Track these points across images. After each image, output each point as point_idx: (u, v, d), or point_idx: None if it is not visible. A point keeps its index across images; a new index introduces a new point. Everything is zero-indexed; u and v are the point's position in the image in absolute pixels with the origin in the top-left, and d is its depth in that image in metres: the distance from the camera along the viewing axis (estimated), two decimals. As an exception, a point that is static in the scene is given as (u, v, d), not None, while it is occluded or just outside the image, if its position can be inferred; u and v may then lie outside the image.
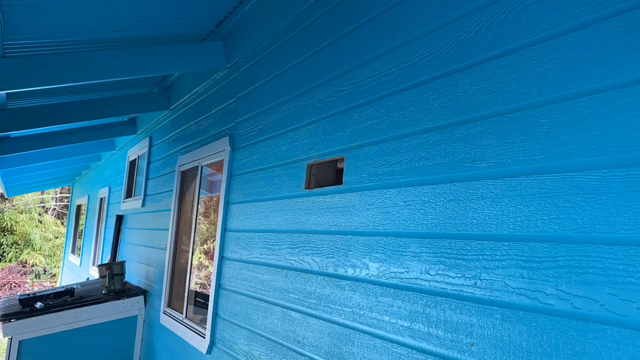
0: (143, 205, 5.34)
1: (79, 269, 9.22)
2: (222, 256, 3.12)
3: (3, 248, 17.03)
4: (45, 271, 16.95)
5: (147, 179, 5.40)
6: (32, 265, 16.94)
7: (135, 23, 3.09)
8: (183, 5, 3.02)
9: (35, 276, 16.57)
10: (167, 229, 4.37)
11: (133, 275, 5.36)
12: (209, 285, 3.37)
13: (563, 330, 1.15)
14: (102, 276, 4.76)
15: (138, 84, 4.79)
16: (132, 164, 6.24)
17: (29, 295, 4.67)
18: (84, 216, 10.07)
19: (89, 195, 9.62)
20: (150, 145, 5.49)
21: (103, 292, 4.75)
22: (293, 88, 2.54)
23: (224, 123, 3.45)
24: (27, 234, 17.49)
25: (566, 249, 1.17)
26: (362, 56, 2.02)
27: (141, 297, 4.72)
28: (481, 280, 1.36)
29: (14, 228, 17.43)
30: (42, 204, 19.74)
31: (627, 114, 1.10)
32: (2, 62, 2.87)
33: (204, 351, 3.12)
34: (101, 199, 8.04)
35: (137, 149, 6.05)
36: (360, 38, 2.06)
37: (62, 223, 19.21)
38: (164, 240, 4.45)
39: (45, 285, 15.96)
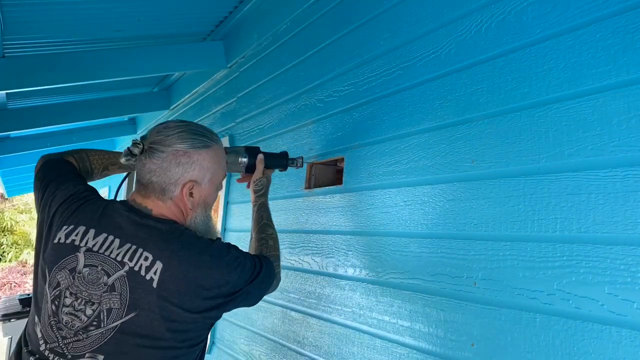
0: (143, 205, 5.32)
1: (79, 269, 9.19)
2: (222, 256, 3.11)
3: (3, 248, 17.02)
4: (45, 271, 16.92)
5: (147, 179, 5.38)
6: (32, 265, 16.94)
7: (135, 23, 3.09)
8: (183, 5, 3.01)
9: (36, 276, 16.55)
10: (167, 229, 4.36)
11: (133, 275, 5.35)
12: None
13: (563, 330, 1.15)
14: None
15: (138, 84, 4.78)
16: (132, 163, 6.22)
17: (29, 295, 4.67)
18: (84, 216, 10.04)
19: (89, 195, 9.59)
20: (150, 145, 5.47)
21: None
22: (293, 88, 2.54)
23: (224, 123, 3.45)
24: (27, 234, 17.48)
25: (566, 249, 1.17)
26: (362, 56, 2.02)
27: (141, 297, 4.71)
28: (481, 280, 1.36)
29: (14, 228, 17.42)
30: (42, 204, 19.70)
31: (627, 114, 1.10)
32: (2, 62, 2.87)
33: (204, 351, 3.12)
34: (101, 198, 8.02)
35: (137, 149, 6.03)
36: (360, 38, 2.05)
37: (62, 223, 19.17)
38: (164, 240, 4.44)
39: (45, 285, 15.93)
